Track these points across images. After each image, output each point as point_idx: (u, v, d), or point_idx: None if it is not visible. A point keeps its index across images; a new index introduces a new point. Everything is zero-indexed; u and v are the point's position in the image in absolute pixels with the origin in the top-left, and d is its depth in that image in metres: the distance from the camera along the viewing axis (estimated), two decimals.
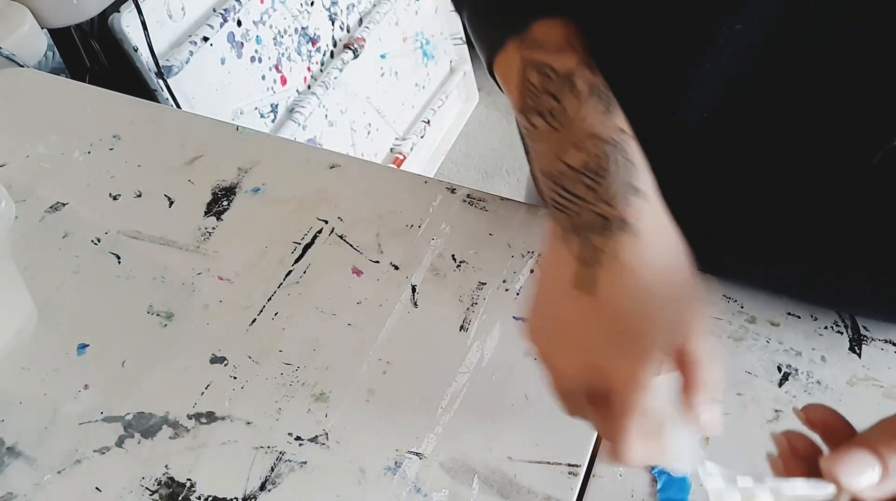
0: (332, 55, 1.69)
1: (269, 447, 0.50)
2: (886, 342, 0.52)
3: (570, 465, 0.48)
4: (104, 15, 1.22)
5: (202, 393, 0.53)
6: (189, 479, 0.49)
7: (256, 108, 1.52)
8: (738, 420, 0.49)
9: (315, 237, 0.61)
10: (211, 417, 0.51)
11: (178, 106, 1.33)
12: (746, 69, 0.39)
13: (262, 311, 0.57)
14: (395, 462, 0.49)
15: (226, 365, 0.54)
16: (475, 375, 0.52)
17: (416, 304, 0.56)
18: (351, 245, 0.60)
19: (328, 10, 1.66)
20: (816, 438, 0.31)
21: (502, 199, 0.62)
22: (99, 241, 0.62)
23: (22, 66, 0.90)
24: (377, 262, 0.59)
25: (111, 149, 0.69)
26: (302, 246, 0.60)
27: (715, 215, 0.48)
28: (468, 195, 0.63)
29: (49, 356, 0.55)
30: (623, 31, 0.43)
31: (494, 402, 0.51)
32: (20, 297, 0.56)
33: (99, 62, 1.28)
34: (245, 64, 1.49)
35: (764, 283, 0.54)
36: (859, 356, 0.51)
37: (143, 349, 0.55)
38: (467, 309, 0.56)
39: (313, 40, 1.64)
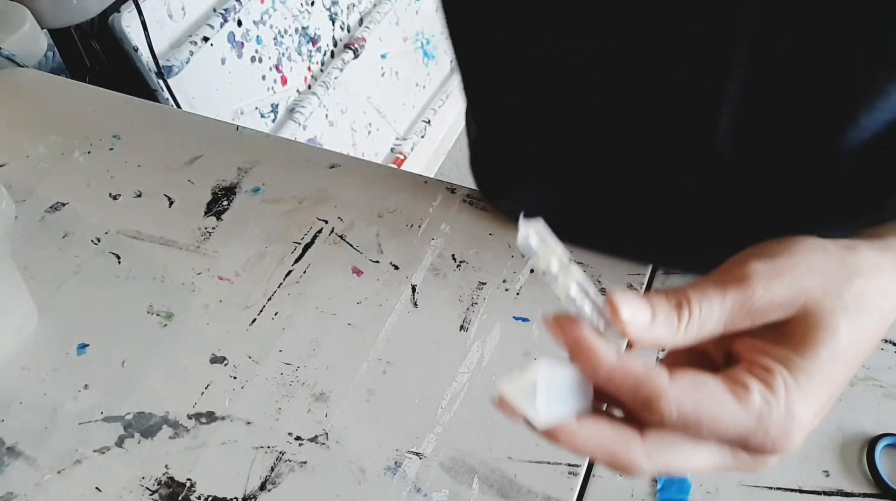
0: (332, 55, 1.69)
1: (269, 447, 0.50)
2: (886, 341, 0.52)
3: (570, 465, 0.48)
4: (104, 15, 1.22)
5: (202, 393, 0.53)
6: (189, 479, 0.49)
7: (257, 108, 1.52)
8: None
9: (315, 237, 0.61)
10: (211, 417, 0.51)
11: (178, 106, 1.33)
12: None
13: (262, 311, 0.57)
14: (395, 462, 0.49)
15: (226, 365, 0.54)
16: (475, 375, 0.52)
17: (416, 304, 0.56)
18: (351, 245, 0.60)
19: (328, 9, 1.66)
20: None
21: None
22: (99, 241, 0.62)
23: (22, 66, 0.90)
24: (377, 262, 0.59)
25: (111, 149, 0.69)
26: (302, 246, 0.60)
27: (721, 223, 0.49)
28: (468, 195, 0.63)
29: (49, 356, 0.55)
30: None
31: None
32: (20, 297, 0.56)
33: (99, 62, 1.28)
34: (245, 64, 1.49)
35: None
36: None
37: (143, 349, 0.55)
38: (467, 309, 0.56)
39: (314, 40, 1.64)
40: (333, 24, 1.68)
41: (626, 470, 0.29)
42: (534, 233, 0.28)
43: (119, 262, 0.60)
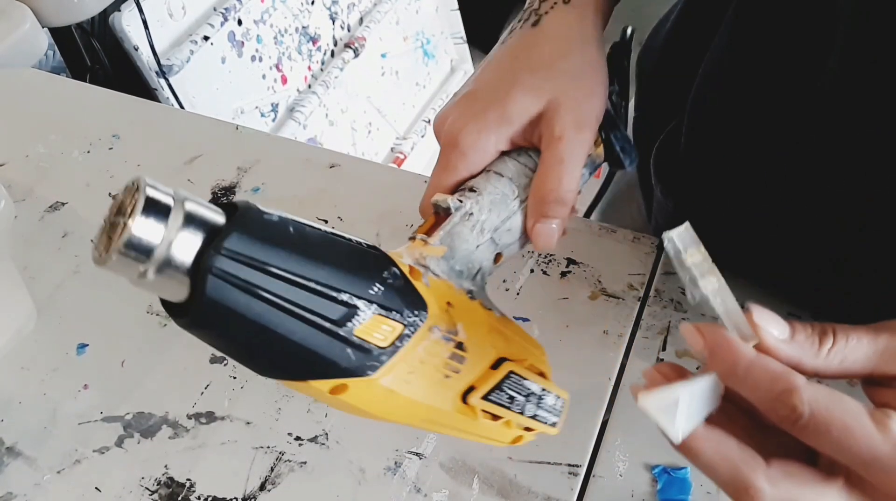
0: (332, 54, 1.69)
1: (268, 447, 0.50)
2: None
3: (570, 465, 0.48)
4: (105, 14, 1.22)
5: (202, 393, 0.52)
6: (189, 479, 0.49)
7: (257, 107, 1.52)
8: None
9: None
10: (210, 417, 0.51)
11: (178, 105, 1.33)
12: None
13: None
14: (395, 462, 0.49)
15: (225, 365, 0.54)
16: None
17: None
18: None
19: (329, 9, 1.66)
20: None
21: None
22: None
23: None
24: None
25: (111, 148, 0.69)
26: None
27: (732, 211, 0.49)
28: None
29: (49, 356, 0.55)
30: None
31: None
32: (19, 297, 0.56)
33: (99, 61, 1.28)
34: (246, 63, 1.49)
35: (771, 281, 0.54)
36: None
37: (142, 349, 0.55)
38: None
39: (314, 39, 1.64)
40: (334, 24, 1.68)
41: (745, 491, 0.28)
42: (684, 234, 0.29)
43: None
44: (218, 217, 0.27)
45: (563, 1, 0.44)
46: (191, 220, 0.26)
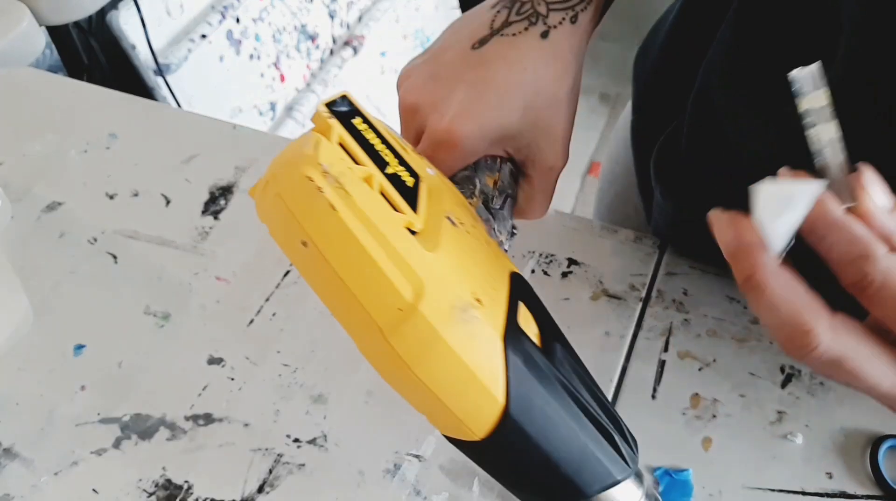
0: (331, 53, 1.68)
1: (266, 449, 0.49)
2: None
3: None
4: (102, 12, 1.22)
5: (199, 394, 0.52)
6: (186, 481, 0.48)
7: (255, 106, 1.52)
8: (740, 422, 0.49)
9: None
10: (208, 418, 0.51)
11: (176, 104, 1.33)
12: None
13: (259, 311, 0.56)
14: (395, 465, 0.48)
15: (223, 366, 0.53)
16: None
17: None
18: None
19: (328, 6, 1.65)
20: None
21: None
22: (95, 241, 0.61)
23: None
24: None
25: (108, 148, 0.69)
26: None
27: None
28: None
29: (45, 357, 0.55)
30: None
31: None
32: (16, 297, 0.56)
33: (97, 60, 1.27)
34: (244, 61, 1.48)
35: None
36: None
37: (139, 350, 0.55)
38: None
39: (312, 38, 1.63)
40: (332, 22, 1.67)
41: (803, 336, 0.27)
42: (817, 74, 0.28)
43: (115, 262, 0.60)
44: None
45: (570, 20, 0.44)
46: None
